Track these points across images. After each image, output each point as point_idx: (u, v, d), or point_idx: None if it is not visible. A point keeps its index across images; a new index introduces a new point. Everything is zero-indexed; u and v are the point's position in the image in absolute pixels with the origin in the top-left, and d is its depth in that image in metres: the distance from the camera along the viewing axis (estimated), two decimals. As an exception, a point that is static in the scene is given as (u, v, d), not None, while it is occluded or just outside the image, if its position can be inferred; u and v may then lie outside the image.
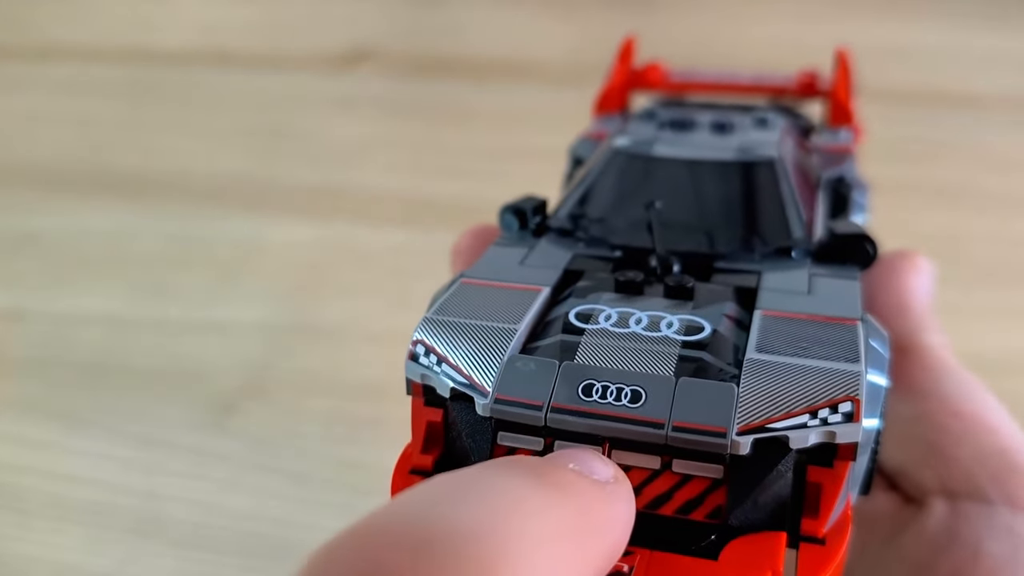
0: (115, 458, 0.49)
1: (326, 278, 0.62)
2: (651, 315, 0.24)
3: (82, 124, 0.81)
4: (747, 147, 0.31)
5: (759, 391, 0.21)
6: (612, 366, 0.22)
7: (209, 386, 0.53)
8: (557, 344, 0.23)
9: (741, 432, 0.20)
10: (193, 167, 0.74)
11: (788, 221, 0.29)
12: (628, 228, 0.29)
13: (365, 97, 0.84)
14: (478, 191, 0.68)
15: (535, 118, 0.77)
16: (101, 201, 0.71)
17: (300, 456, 0.48)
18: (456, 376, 0.22)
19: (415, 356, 0.23)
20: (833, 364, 0.21)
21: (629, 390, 0.21)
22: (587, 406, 0.21)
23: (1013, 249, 0.61)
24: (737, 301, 0.26)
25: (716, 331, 0.23)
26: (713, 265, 0.28)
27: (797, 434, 0.20)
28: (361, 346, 0.55)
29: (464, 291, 0.26)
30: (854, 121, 0.40)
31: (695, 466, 0.21)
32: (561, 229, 0.30)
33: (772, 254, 0.28)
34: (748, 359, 0.22)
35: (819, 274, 0.27)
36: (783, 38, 0.87)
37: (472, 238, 0.34)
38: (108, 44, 0.94)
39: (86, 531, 0.45)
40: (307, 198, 0.70)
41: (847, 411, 0.20)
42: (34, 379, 0.54)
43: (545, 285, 0.26)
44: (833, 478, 0.21)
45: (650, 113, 0.37)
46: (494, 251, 0.29)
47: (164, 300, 0.60)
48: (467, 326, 0.24)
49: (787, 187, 0.29)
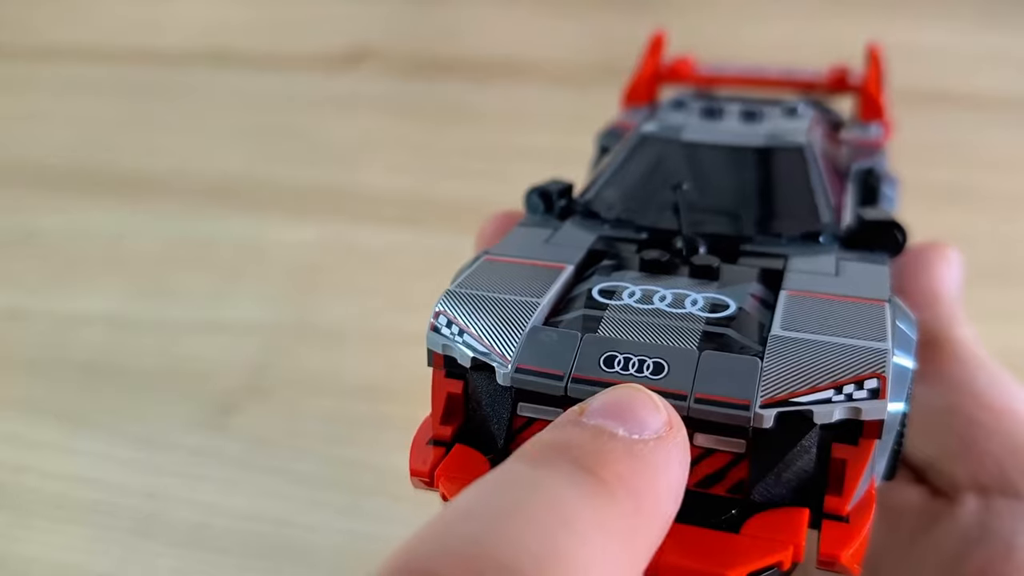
0: (115, 458, 0.49)
1: (326, 278, 0.62)
2: (675, 292, 0.24)
3: (82, 124, 0.81)
4: (776, 134, 0.31)
5: (783, 366, 0.21)
6: (634, 339, 0.22)
7: (209, 386, 0.53)
8: (580, 318, 0.23)
9: (765, 405, 0.20)
10: (193, 167, 0.74)
11: (817, 206, 0.29)
12: (655, 210, 0.29)
13: (365, 97, 0.84)
14: (478, 191, 0.68)
15: (535, 118, 0.77)
16: (101, 201, 0.71)
17: (300, 456, 0.48)
18: (477, 346, 0.22)
19: (437, 327, 0.23)
20: (859, 341, 0.21)
21: (651, 362, 0.21)
22: (609, 376, 0.21)
23: (1013, 249, 0.61)
24: (763, 282, 0.25)
25: (741, 308, 0.23)
26: (740, 248, 0.28)
27: (822, 409, 0.20)
28: (361, 346, 0.55)
29: (487, 267, 0.26)
30: (885, 116, 0.39)
31: (717, 439, 0.21)
32: (587, 211, 0.30)
33: (800, 239, 0.28)
34: (772, 335, 0.22)
35: (847, 258, 0.27)
36: (783, 38, 0.87)
37: (497, 222, 0.34)
38: (108, 44, 0.94)
39: (86, 531, 0.45)
40: (307, 198, 0.70)
41: (873, 387, 0.20)
42: (34, 379, 0.54)
43: (569, 263, 0.26)
44: (858, 456, 0.21)
45: (679, 102, 0.37)
46: (519, 231, 0.29)
47: (164, 300, 0.60)
48: (490, 299, 0.24)
49: (816, 173, 0.29)
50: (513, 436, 0.23)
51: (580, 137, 0.39)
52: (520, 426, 0.23)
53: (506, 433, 0.23)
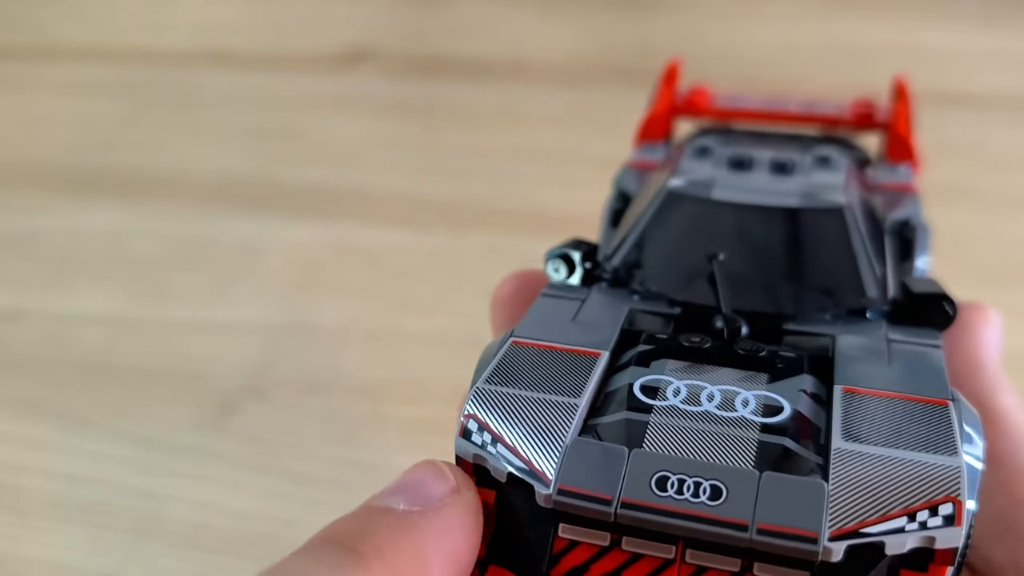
0: (115, 458, 0.49)
1: (326, 278, 0.61)
2: (724, 390, 0.22)
3: (82, 124, 0.81)
4: (811, 192, 0.29)
5: (851, 489, 0.19)
6: (687, 454, 0.20)
7: (209, 386, 0.53)
8: (623, 423, 0.21)
9: (834, 537, 0.18)
10: (193, 167, 0.74)
11: (861, 277, 0.27)
12: (688, 281, 0.27)
13: (365, 97, 0.84)
14: (478, 191, 0.68)
15: (535, 118, 0.77)
16: (101, 201, 0.71)
17: (300, 456, 0.48)
18: (514, 460, 0.21)
19: (467, 433, 0.21)
20: (929, 456, 0.19)
21: (708, 485, 0.19)
22: (662, 502, 0.19)
23: (1013, 249, 0.61)
24: (813, 371, 0.23)
25: (797, 411, 0.21)
26: (782, 327, 0.26)
27: (894, 539, 0.18)
28: (361, 346, 0.55)
29: (516, 354, 0.24)
30: (915, 156, 0.37)
31: (779, 571, 0.19)
32: (614, 279, 0.28)
33: (845, 314, 0.26)
34: (836, 448, 0.20)
35: (898, 339, 0.25)
36: (783, 38, 0.87)
37: (514, 286, 0.32)
38: (108, 44, 0.94)
39: (86, 531, 0.45)
40: (307, 198, 0.70)
41: (948, 513, 0.18)
42: (34, 379, 0.54)
43: (603, 348, 0.24)
44: None
45: (704, 148, 0.35)
46: (543, 303, 0.27)
47: (164, 300, 0.60)
48: (523, 399, 0.22)
49: (858, 237, 0.27)
50: (556, 560, 0.21)
51: (580, 137, 0.39)
52: (561, 549, 0.21)
53: (548, 557, 0.21)
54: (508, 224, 0.63)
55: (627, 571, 0.20)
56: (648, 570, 0.20)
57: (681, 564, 0.20)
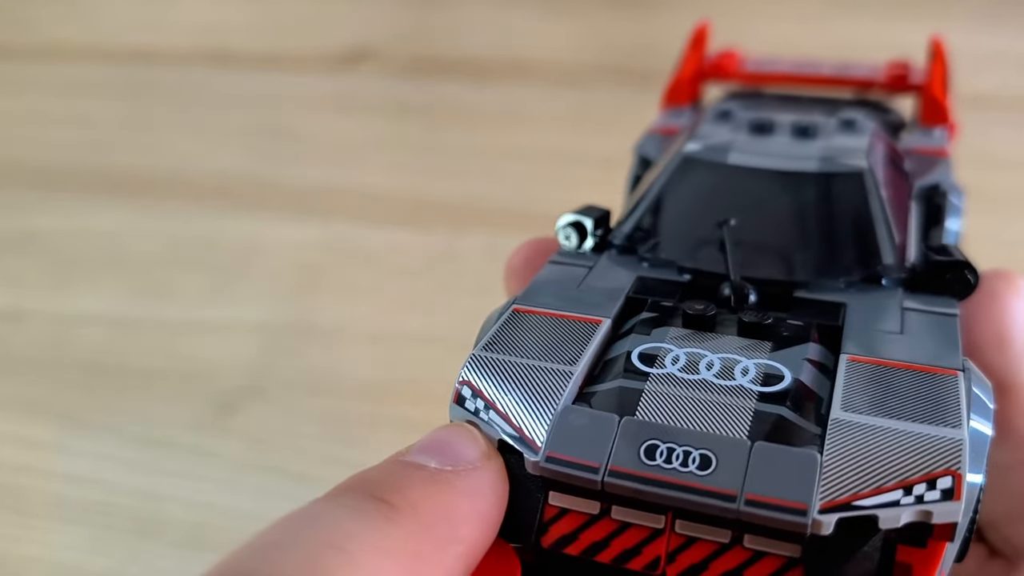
0: (115, 458, 0.49)
1: (326, 278, 0.61)
2: (724, 358, 0.21)
3: (82, 124, 0.81)
4: (832, 155, 0.28)
5: (845, 460, 0.18)
6: (679, 423, 0.20)
7: (209, 386, 0.53)
8: (617, 391, 0.21)
9: (824, 510, 0.18)
10: (193, 167, 0.74)
11: (878, 243, 0.26)
12: (698, 248, 0.27)
13: (365, 97, 0.84)
14: (478, 191, 0.68)
15: (535, 118, 0.77)
16: (101, 201, 0.71)
17: (300, 456, 0.48)
18: (505, 426, 0.20)
19: (461, 399, 0.21)
20: (931, 428, 0.19)
21: (697, 454, 0.19)
22: (650, 471, 0.19)
23: (1013, 249, 0.61)
24: (820, 340, 0.23)
25: (797, 380, 0.21)
26: (793, 295, 0.25)
27: (887, 513, 0.18)
28: (361, 346, 0.55)
29: (516, 321, 0.23)
30: (950, 119, 0.36)
31: (769, 543, 0.19)
32: (624, 246, 0.28)
33: (859, 281, 0.25)
34: (833, 419, 0.19)
35: (913, 308, 0.24)
36: (784, 38, 0.87)
37: (527, 254, 0.31)
38: (108, 44, 0.94)
39: (86, 531, 0.45)
40: (307, 198, 0.70)
41: (946, 487, 0.18)
42: (34, 379, 0.54)
43: (605, 316, 0.24)
44: (927, 559, 0.19)
45: (725, 112, 0.34)
46: (549, 271, 0.27)
47: (164, 300, 0.60)
48: (518, 365, 0.21)
49: (877, 203, 0.26)
50: (545, 527, 0.20)
51: (580, 137, 0.39)
52: (551, 517, 0.20)
53: (537, 524, 0.21)
54: (508, 224, 0.63)
55: (616, 540, 0.20)
56: (637, 540, 0.20)
57: (671, 534, 0.19)
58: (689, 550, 0.19)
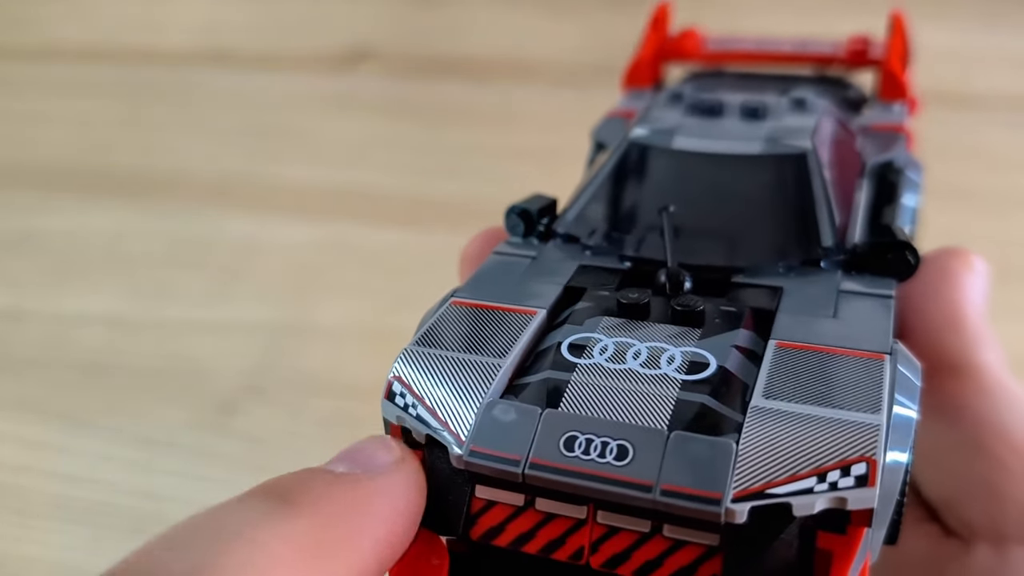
0: (115, 458, 0.49)
1: (326, 278, 0.62)
2: (651, 347, 0.21)
3: (82, 124, 0.81)
4: (778, 136, 0.28)
5: (761, 448, 0.18)
6: (600, 414, 0.20)
7: (209, 386, 0.53)
8: (544, 383, 0.21)
9: (737, 499, 0.18)
10: (193, 167, 0.74)
11: (818, 226, 0.26)
12: (640, 235, 0.26)
13: (365, 97, 0.84)
14: (478, 191, 0.68)
15: (535, 118, 0.77)
16: (101, 201, 0.71)
17: (300, 456, 0.48)
18: (432, 421, 0.21)
19: (391, 394, 0.21)
20: (848, 414, 0.19)
21: (615, 445, 0.19)
22: (568, 463, 0.19)
23: (1013, 249, 0.61)
24: (753, 326, 0.23)
25: (722, 367, 0.21)
26: (731, 280, 0.25)
27: (801, 500, 0.18)
28: (361, 346, 0.55)
29: (452, 314, 0.24)
30: (908, 93, 0.35)
31: (688, 532, 0.19)
32: (568, 235, 0.28)
33: (799, 265, 0.25)
34: (752, 407, 0.19)
35: (850, 290, 0.24)
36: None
37: (481, 243, 0.31)
38: (108, 44, 0.94)
39: (86, 531, 0.45)
40: (307, 198, 0.70)
41: (861, 473, 0.18)
42: (34, 379, 0.54)
43: (541, 307, 0.24)
44: (846, 545, 0.19)
45: (677, 94, 0.33)
46: (493, 262, 0.27)
47: (164, 300, 0.60)
48: (449, 359, 0.21)
49: (819, 184, 0.26)
50: (473, 520, 0.21)
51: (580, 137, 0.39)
52: (479, 509, 0.21)
53: (465, 517, 0.21)
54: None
55: (541, 531, 0.20)
56: (561, 530, 0.20)
57: (593, 524, 0.20)
58: (611, 540, 0.20)
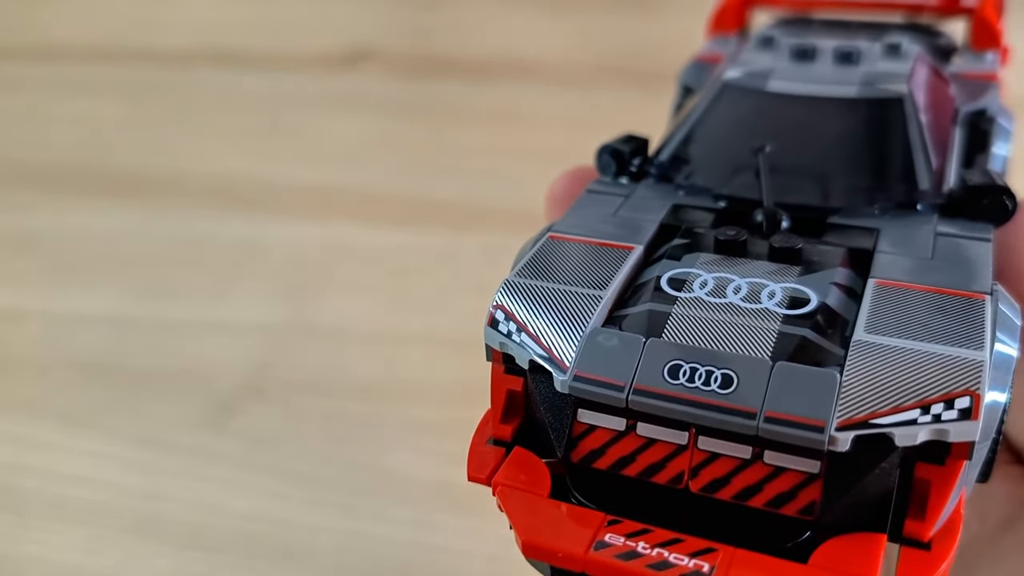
0: (115, 458, 0.49)
1: (326, 278, 0.61)
2: (751, 282, 0.22)
3: (82, 124, 0.81)
4: (873, 80, 0.28)
5: (865, 379, 0.19)
6: (703, 344, 0.20)
7: (209, 386, 0.53)
8: (645, 314, 0.21)
9: (841, 427, 0.18)
10: (193, 167, 0.74)
11: (915, 169, 0.26)
12: (735, 175, 0.27)
13: (365, 97, 0.84)
14: (478, 191, 0.68)
15: (535, 118, 0.77)
16: (101, 201, 0.71)
17: (300, 456, 0.48)
18: (535, 347, 0.21)
19: (494, 322, 0.22)
20: (952, 350, 0.19)
21: (720, 374, 0.19)
22: (673, 389, 0.19)
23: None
24: (850, 265, 0.23)
25: (823, 303, 0.21)
26: (827, 220, 0.25)
27: (904, 431, 0.18)
28: (361, 346, 0.55)
29: (550, 248, 0.24)
30: (1001, 42, 0.35)
31: (789, 459, 0.19)
32: (661, 174, 0.28)
33: (895, 207, 0.25)
34: (855, 340, 0.19)
35: (946, 233, 0.24)
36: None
37: (568, 183, 0.31)
38: (108, 44, 0.94)
39: (86, 531, 0.45)
40: (307, 198, 0.70)
41: (964, 407, 0.18)
42: (34, 379, 0.54)
43: (638, 243, 0.24)
44: (944, 477, 0.19)
45: (768, 38, 0.33)
46: (587, 199, 0.27)
47: (164, 300, 0.60)
48: (550, 290, 0.22)
49: (916, 128, 0.26)
50: (574, 443, 0.21)
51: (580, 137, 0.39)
52: (580, 433, 0.21)
53: (566, 440, 0.21)
54: (508, 224, 0.62)
55: (642, 455, 0.21)
56: (662, 455, 0.20)
57: (694, 450, 0.20)
58: (711, 465, 0.20)
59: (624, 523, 0.20)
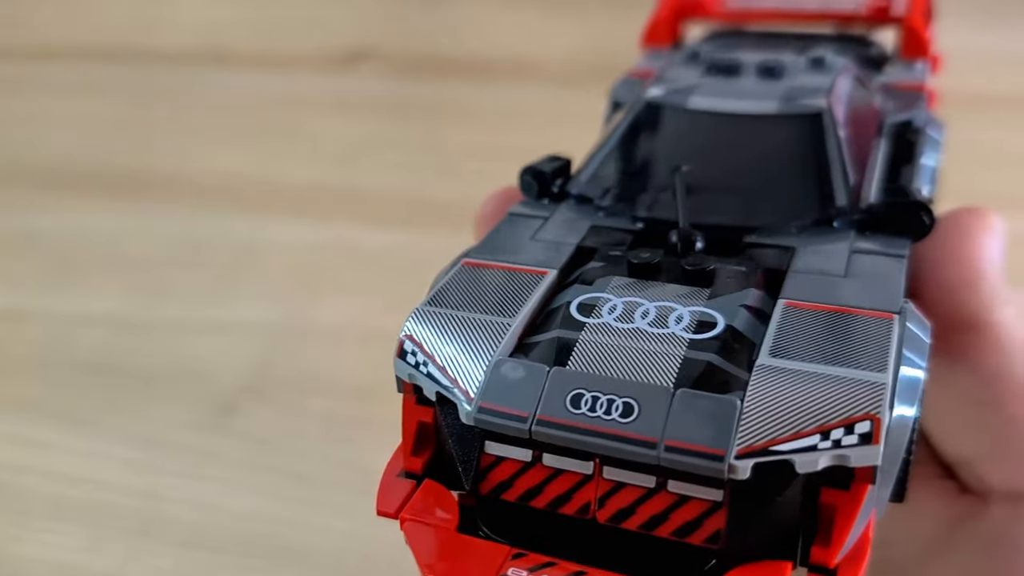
0: (115, 458, 0.49)
1: (326, 278, 0.61)
2: (660, 306, 0.21)
3: (82, 124, 0.81)
4: (794, 95, 0.27)
5: (766, 405, 0.18)
6: (607, 372, 0.20)
7: (209, 386, 0.53)
8: (553, 342, 0.21)
9: (741, 455, 0.18)
10: (193, 167, 0.74)
11: (832, 186, 0.25)
12: (653, 196, 0.26)
13: (365, 97, 0.84)
14: (478, 191, 0.68)
15: (535, 118, 0.77)
16: (101, 201, 0.71)
17: (300, 456, 0.48)
18: (441, 378, 0.21)
19: (403, 352, 0.22)
20: (854, 372, 0.19)
21: (621, 402, 0.19)
22: (575, 419, 0.19)
23: (1013, 249, 0.61)
24: (764, 286, 0.23)
25: (730, 326, 0.21)
26: (744, 240, 0.25)
27: (805, 458, 0.18)
28: (360, 346, 0.55)
29: (464, 275, 0.24)
30: (930, 52, 0.35)
31: (692, 488, 0.19)
32: (582, 195, 0.27)
33: (812, 225, 0.25)
34: (759, 365, 0.19)
35: (862, 250, 0.24)
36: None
37: (497, 203, 0.31)
38: (108, 44, 0.94)
39: (86, 531, 0.45)
40: (307, 198, 0.70)
41: (864, 431, 0.18)
42: (34, 379, 0.54)
43: (552, 267, 0.24)
44: (849, 502, 0.19)
45: (694, 53, 0.33)
46: (507, 222, 0.27)
47: (164, 300, 0.60)
48: (459, 319, 0.22)
49: (834, 144, 0.26)
50: (483, 475, 0.21)
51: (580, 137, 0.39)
52: (488, 464, 0.21)
53: (474, 472, 0.21)
54: (508, 224, 0.62)
55: (549, 486, 0.20)
56: (569, 485, 0.20)
57: (599, 480, 0.20)
58: (617, 495, 0.20)
59: (529, 556, 0.20)
